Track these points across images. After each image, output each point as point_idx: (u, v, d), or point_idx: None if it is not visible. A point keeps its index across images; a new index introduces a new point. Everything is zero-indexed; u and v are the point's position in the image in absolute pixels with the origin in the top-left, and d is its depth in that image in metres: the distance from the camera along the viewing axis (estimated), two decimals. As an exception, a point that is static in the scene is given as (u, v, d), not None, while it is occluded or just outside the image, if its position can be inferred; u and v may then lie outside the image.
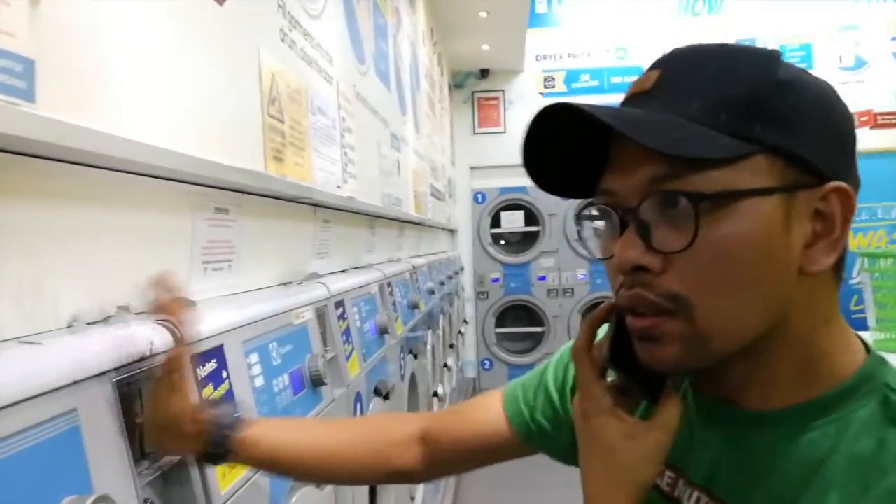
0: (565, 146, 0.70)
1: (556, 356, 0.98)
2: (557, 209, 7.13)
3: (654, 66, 0.69)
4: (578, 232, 0.74)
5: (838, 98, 0.66)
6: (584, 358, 0.75)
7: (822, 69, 6.94)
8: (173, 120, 1.15)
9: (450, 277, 5.21)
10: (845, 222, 0.63)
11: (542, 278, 7.21)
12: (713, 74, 0.64)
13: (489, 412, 0.98)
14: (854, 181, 0.65)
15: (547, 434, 0.94)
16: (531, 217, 7.27)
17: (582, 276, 7.19)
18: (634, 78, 0.72)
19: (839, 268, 0.67)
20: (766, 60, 0.64)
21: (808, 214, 0.63)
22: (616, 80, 7.25)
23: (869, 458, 0.61)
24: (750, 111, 0.61)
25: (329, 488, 1.56)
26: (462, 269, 6.87)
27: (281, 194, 1.63)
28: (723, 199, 0.60)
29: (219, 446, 0.90)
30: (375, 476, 1.08)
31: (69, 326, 0.91)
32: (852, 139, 0.66)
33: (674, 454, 0.73)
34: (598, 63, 7.31)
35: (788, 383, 0.67)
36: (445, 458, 1.00)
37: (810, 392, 0.66)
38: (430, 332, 3.58)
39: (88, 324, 0.93)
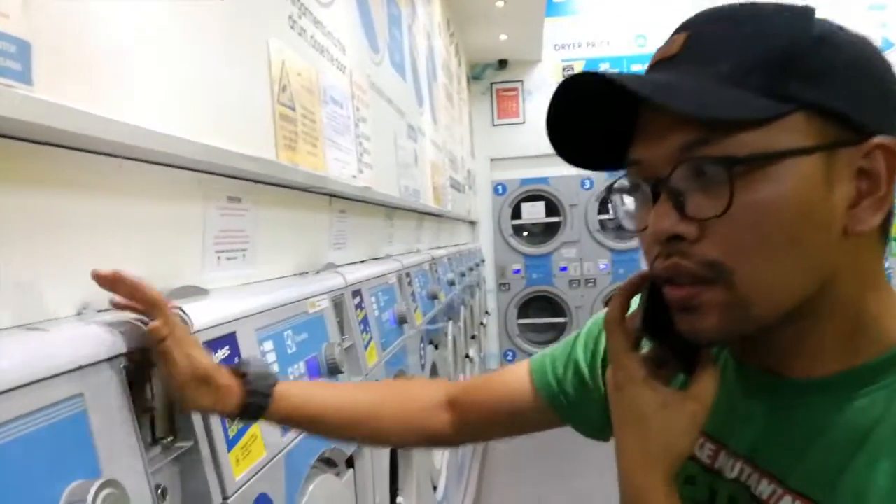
0: (590, 117, 0.68)
1: (585, 328, 0.97)
2: (578, 199, 7.09)
3: (679, 30, 0.66)
4: (610, 206, 0.72)
5: (879, 53, 0.63)
6: (616, 328, 0.73)
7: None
8: (180, 106, 1.14)
9: (470, 269, 5.20)
10: (891, 179, 0.60)
11: (564, 269, 7.18)
12: (744, 33, 0.62)
13: (516, 382, 0.98)
14: None
15: (575, 407, 0.93)
16: (552, 208, 7.24)
17: (604, 267, 7.15)
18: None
19: (886, 229, 0.65)
20: (800, 17, 0.62)
21: (851, 172, 0.60)
22: (636, 67, 7.19)
23: None
24: (784, 69, 0.59)
25: (348, 476, 1.55)
26: (483, 260, 6.85)
27: (294, 183, 1.62)
28: (758, 161, 0.59)
29: (259, 397, 0.90)
30: (408, 437, 1.07)
31: (79, 314, 0.91)
32: (895, 94, 0.63)
33: (715, 426, 0.72)
34: (618, 51, 7.26)
35: (835, 350, 0.65)
36: (474, 424, 1.01)
37: (857, 358, 0.64)
38: (450, 323, 3.57)
39: (98, 311, 0.93)
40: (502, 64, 7.37)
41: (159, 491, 0.85)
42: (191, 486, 0.92)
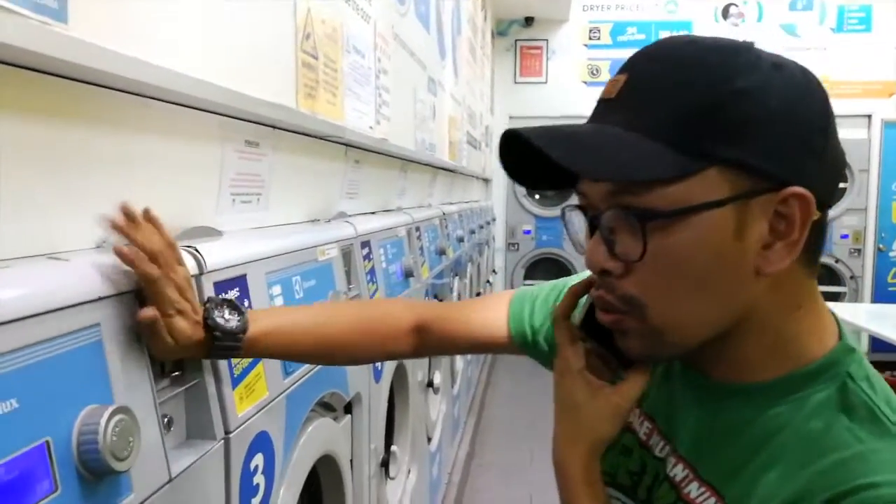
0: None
1: (572, 279, 0.99)
2: (594, 164, 7.05)
3: (622, 69, 0.70)
4: (566, 224, 0.77)
5: (810, 92, 0.66)
6: (562, 324, 0.82)
7: (883, 33, 6.75)
8: (205, 50, 1.15)
9: (481, 227, 5.22)
10: (804, 225, 0.64)
11: (575, 232, 7.17)
12: (670, 83, 0.65)
13: (491, 319, 1.03)
14: (825, 176, 0.66)
15: (543, 353, 0.98)
16: (567, 170, 7.21)
17: (615, 233, 7.14)
18: (683, 33, 0.72)
19: (814, 252, 0.69)
20: (728, 65, 0.64)
21: (766, 216, 0.64)
22: (664, 33, 7.07)
23: (814, 438, 0.65)
24: (701, 125, 0.63)
25: (346, 422, 1.60)
26: (494, 219, 6.87)
27: (312, 131, 1.64)
28: (670, 216, 0.64)
29: (225, 352, 0.91)
30: (369, 359, 1.31)
31: (97, 247, 0.94)
32: (822, 137, 0.65)
33: (655, 408, 0.82)
34: (647, 16, 7.16)
35: (756, 363, 0.71)
36: (437, 348, 1.12)
37: (777, 371, 0.70)
38: (456, 279, 3.60)
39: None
40: (528, 21, 7.28)
41: (166, 421, 0.89)
42: (195, 420, 0.96)
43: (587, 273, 0.95)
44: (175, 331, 0.85)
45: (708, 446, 0.74)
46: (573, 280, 0.98)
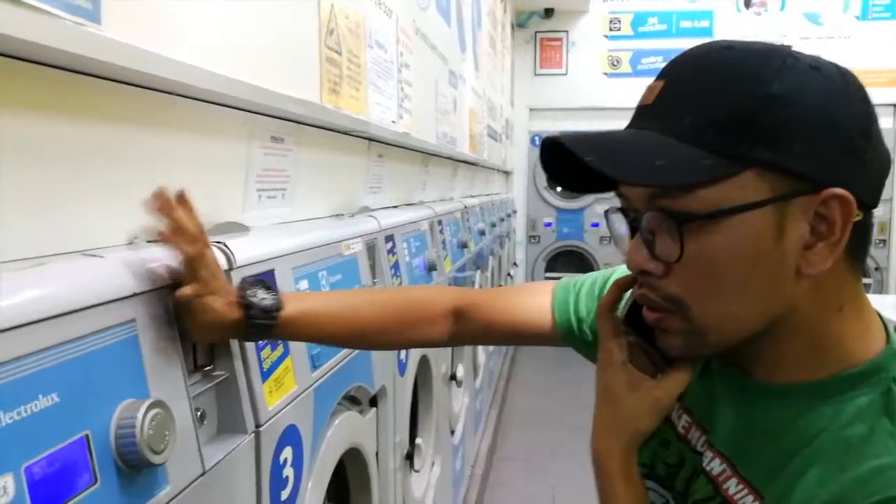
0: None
1: (617, 271, 0.99)
2: (615, 155, 7.02)
3: (660, 76, 0.71)
4: (608, 227, 0.79)
5: (849, 94, 0.65)
6: (606, 316, 0.83)
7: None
8: (231, 47, 1.17)
9: (502, 219, 5.21)
10: (845, 226, 0.64)
11: (596, 225, 7.16)
12: (707, 89, 0.66)
13: (535, 307, 1.01)
14: (867, 177, 0.66)
15: (587, 344, 0.98)
16: (588, 162, 7.18)
17: (636, 225, 7.11)
18: (705, 23, 0.72)
19: (858, 254, 0.69)
20: (764, 68, 0.64)
21: (806, 218, 0.64)
22: (685, 24, 7.04)
23: (855, 442, 0.64)
24: (737, 129, 0.63)
25: (371, 415, 1.61)
26: (515, 211, 6.86)
27: (336, 126, 1.65)
28: (708, 218, 0.64)
29: (261, 328, 0.91)
30: (403, 344, 1.26)
31: (129, 244, 0.95)
32: (862, 138, 0.65)
33: (694, 403, 0.82)
34: (668, 6, 7.10)
35: (796, 364, 0.71)
36: (472, 334, 1.07)
37: (818, 373, 0.69)
38: (478, 272, 3.60)
39: (148, 241, 0.97)
40: (548, 13, 7.25)
41: (199, 414, 0.90)
42: (227, 413, 0.97)
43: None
44: (211, 310, 0.86)
45: (747, 444, 0.74)
46: (617, 272, 0.98)
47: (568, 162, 0.69)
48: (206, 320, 0.86)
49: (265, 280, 0.94)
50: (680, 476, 0.82)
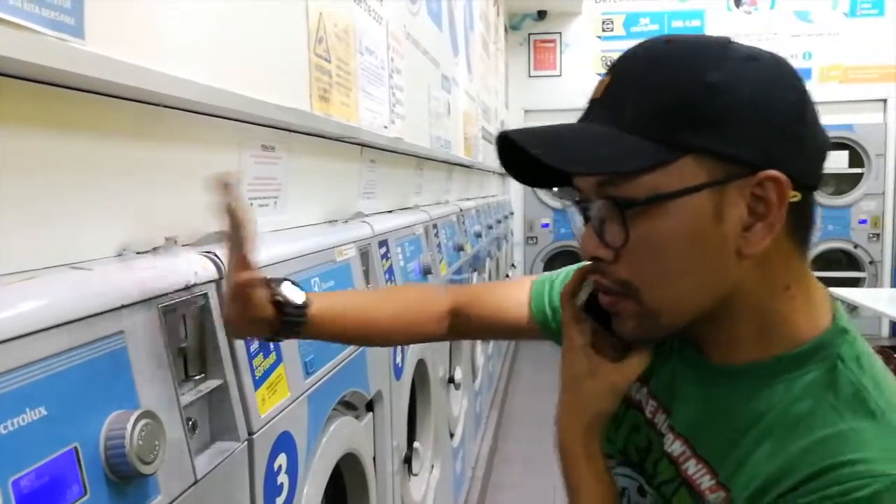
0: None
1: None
2: (610, 155, 7.04)
3: (608, 71, 0.74)
4: (570, 221, 0.81)
5: (784, 82, 0.68)
6: (568, 302, 0.86)
7: None
8: (219, 57, 1.17)
9: (499, 221, 5.22)
10: (780, 206, 0.66)
11: (593, 225, 7.15)
12: (649, 81, 0.69)
13: (514, 300, 1.05)
14: (805, 160, 0.69)
15: (559, 335, 0.98)
16: (583, 163, 7.19)
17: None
18: (696, 22, 0.75)
19: (802, 234, 0.72)
20: (701, 59, 0.67)
21: (744, 200, 0.67)
22: (677, 24, 7.07)
23: (802, 417, 0.68)
24: (674, 118, 0.66)
25: (367, 420, 1.62)
26: (512, 213, 6.86)
27: (327, 133, 1.66)
28: (648, 202, 0.68)
29: (295, 322, 0.91)
30: (407, 341, 1.35)
31: (119, 255, 0.96)
32: (798, 124, 0.68)
33: (660, 388, 0.85)
34: (660, 6, 7.12)
35: (748, 344, 0.73)
36: (468, 330, 1.12)
37: (768, 352, 0.72)
38: (475, 274, 3.61)
39: (137, 253, 0.98)
40: (541, 15, 7.27)
41: (190, 424, 0.91)
42: (219, 422, 0.97)
43: None
44: (256, 305, 0.86)
45: (703, 424, 0.77)
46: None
47: (523, 156, 0.71)
48: (251, 314, 0.86)
49: (290, 279, 0.94)
50: (649, 459, 0.84)
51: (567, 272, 1.03)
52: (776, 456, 0.67)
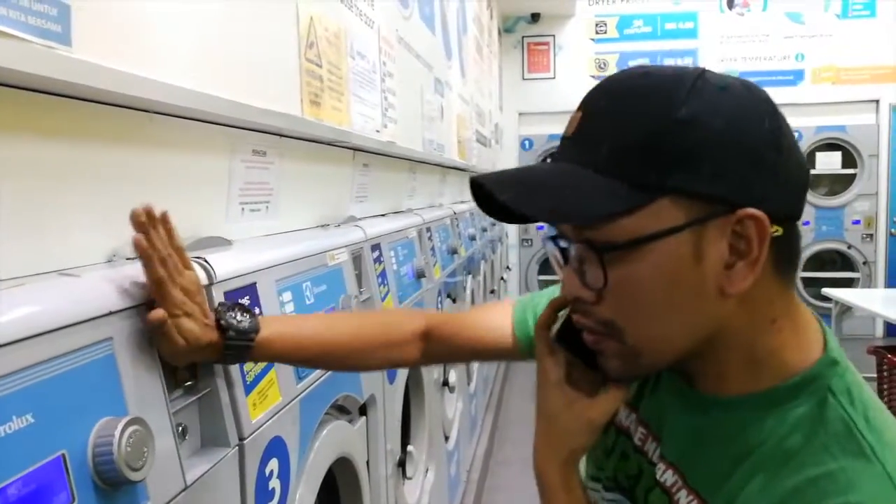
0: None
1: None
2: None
3: (580, 107, 0.72)
4: (548, 253, 0.80)
5: (757, 110, 0.66)
6: (541, 335, 0.84)
7: (887, 18, 6.71)
8: (209, 63, 1.17)
9: (493, 224, 5.22)
10: (762, 243, 0.65)
11: (587, 227, 7.16)
12: (619, 117, 0.67)
13: (497, 325, 1.04)
14: (782, 191, 0.67)
15: None
16: (578, 165, 7.20)
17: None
18: (689, 24, 0.74)
19: (786, 267, 0.70)
20: (672, 94, 0.65)
21: (724, 238, 0.66)
22: (670, 26, 7.09)
23: (793, 451, 0.66)
24: (648, 156, 0.65)
25: (361, 424, 1.62)
26: (506, 215, 6.85)
27: (318, 138, 1.66)
28: (625, 247, 0.66)
29: (236, 351, 0.93)
30: (378, 366, 1.26)
31: (109, 261, 0.96)
32: (773, 151, 0.66)
33: (649, 415, 0.84)
34: (653, 8, 7.14)
35: (736, 376, 0.72)
36: (442, 355, 1.12)
37: (759, 385, 0.71)
38: (469, 277, 3.61)
39: (127, 259, 0.98)
40: (535, 17, 7.28)
41: (180, 430, 0.91)
42: (209, 427, 0.98)
43: None
44: (184, 331, 0.86)
45: (694, 454, 0.76)
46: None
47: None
48: (177, 342, 0.86)
49: (242, 304, 0.95)
50: (639, 487, 0.83)
51: (548, 296, 1.01)
52: (769, 490, 0.66)
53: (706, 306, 0.68)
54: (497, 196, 0.67)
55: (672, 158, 0.64)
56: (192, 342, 0.87)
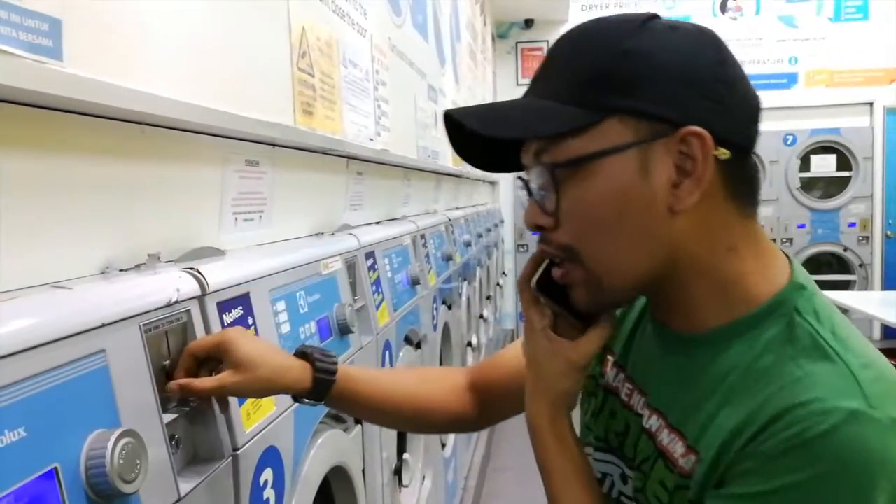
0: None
1: None
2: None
3: (546, 53, 0.80)
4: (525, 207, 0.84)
5: (704, 47, 0.72)
6: (524, 287, 0.88)
7: (880, 20, 6.74)
8: (202, 74, 1.18)
9: (489, 230, 5.23)
10: (705, 160, 0.70)
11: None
12: (574, 54, 0.75)
13: (517, 359, 1.03)
14: (730, 117, 0.72)
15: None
16: (573, 170, 7.22)
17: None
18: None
19: (743, 195, 0.75)
20: (620, 30, 0.73)
21: (670, 157, 0.71)
22: (664, 30, 7.10)
23: (762, 372, 0.70)
24: (596, 83, 0.71)
25: (356, 432, 1.62)
26: (502, 220, 6.88)
27: (312, 147, 1.66)
28: (575, 164, 0.72)
29: (326, 376, 0.98)
30: (439, 423, 1.20)
31: (102, 273, 0.96)
32: (721, 85, 0.71)
33: (636, 370, 0.88)
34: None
35: (707, 309, 0.76)
36: (495, 403, 1.10)
37: (728, 316, 0.75)
38: (465, 283, 3.61)
39: (121, 270, 0.98)
40: (528, 23, 7.31)
41: (174, 441, 0.91)
42: (203, 438, 0.98)
43: None
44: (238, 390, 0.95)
45: (675, 395, 0.79)
46: None
47: (470, 138, 0.77)
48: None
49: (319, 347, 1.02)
50: (628, 442, 0.86)
51: None
52: (738, 412, 0.69)
53: (657, 225, 0.72)
54: (465, 125, 0.74)
55: (618, 83, 0.70)
56: (279, 377, 0.94)
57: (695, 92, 0.70)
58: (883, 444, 0.63)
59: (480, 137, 0.75)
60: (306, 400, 1.00)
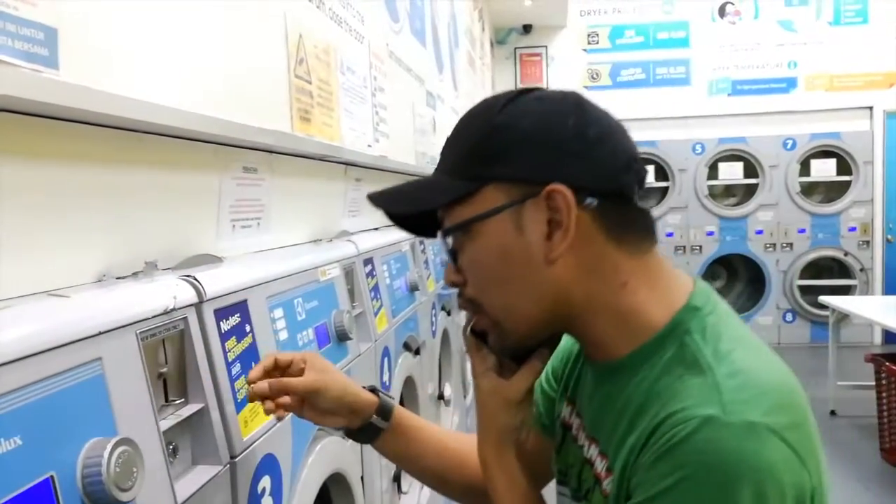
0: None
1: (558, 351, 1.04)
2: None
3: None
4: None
5: (566, 111, 0.80)
6: (466, 335, 0.95)
7: (880, 24, 6.76)
8: (199, 81, 1.18)
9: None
10: (569, 213, 0.77)
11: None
12: (459, 132, 0.86)
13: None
14: (593, 170, 0.78)
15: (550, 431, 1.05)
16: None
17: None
18: (681, 34, 0.87)
19: (622, 233, 0.80)
20: (492, 107, 0.82)
21: (542, 214, 0.78)
22: (662, 35, 7.12)
23: (659, 392, 0.75)
24: (473, 156, 0.82)
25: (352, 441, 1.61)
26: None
27: (310, 154, 1.67)
28: (462, 228, 0.82)
29: (373, 429, 1.07)
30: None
31: (99, 281, 0.96)
32: (578, 140, 0.78)
33: (580, 403, 0.93)
34: (645, 18, 7.17)
35: (613, 339, 0.82)
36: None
37: (635, 342, 0.81)
38: (464, 289, 3.60)
39: (118, 278, 0.98)
40: (527, 29, 7.32)
41: (171, 448, 0.91)
42: (200, 445, 0.98)
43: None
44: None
45: (602, 421, 0.84)
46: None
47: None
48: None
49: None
50: (573, 473, 0.92)
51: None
52: (637, 430, 0.75)
53: (538, 274, 0.80)
54: (373, 204, 0.88)
55: (491, 154, 0.80)
56: (351, 400, 1.03)
57: (556, 153, 0.78)
58: (738, 445, 0.67)
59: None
60: (361, 433, 1.09)
